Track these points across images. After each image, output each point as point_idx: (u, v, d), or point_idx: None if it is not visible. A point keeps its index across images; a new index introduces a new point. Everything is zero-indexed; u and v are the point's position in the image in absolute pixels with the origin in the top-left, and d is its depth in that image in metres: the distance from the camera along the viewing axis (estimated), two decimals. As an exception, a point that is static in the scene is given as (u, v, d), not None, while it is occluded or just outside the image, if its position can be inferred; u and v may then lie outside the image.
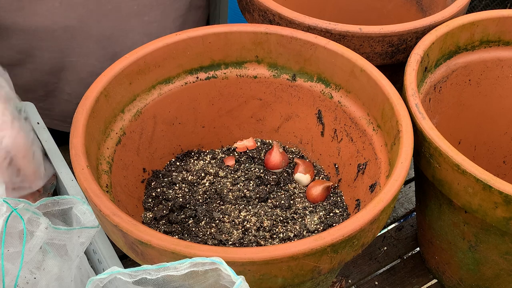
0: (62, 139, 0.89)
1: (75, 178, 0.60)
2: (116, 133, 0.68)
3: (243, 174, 0.77)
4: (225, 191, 0.74)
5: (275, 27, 0.74)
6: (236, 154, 0.81)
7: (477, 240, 0.67)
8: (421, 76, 0.74)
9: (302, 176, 0.77)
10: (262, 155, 0.80)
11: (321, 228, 0.70)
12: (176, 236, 0.68)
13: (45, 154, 0.75)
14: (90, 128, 0.62)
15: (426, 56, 0.72)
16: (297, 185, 0.77)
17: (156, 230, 0.68)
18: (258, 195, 0.74)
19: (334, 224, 0.70)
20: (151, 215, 0.70)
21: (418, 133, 0.64)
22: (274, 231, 0.69)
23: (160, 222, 0.70)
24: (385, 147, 0.67)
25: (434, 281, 0.83)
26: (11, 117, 0.64)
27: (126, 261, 0.80)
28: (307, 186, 0.77)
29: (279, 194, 0.75)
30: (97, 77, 0.92)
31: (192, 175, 0.76)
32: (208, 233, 0.69)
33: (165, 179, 0.76)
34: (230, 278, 0.43)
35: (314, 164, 0.80)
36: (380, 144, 0.68)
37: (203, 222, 0.70)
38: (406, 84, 0.68)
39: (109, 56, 0.91)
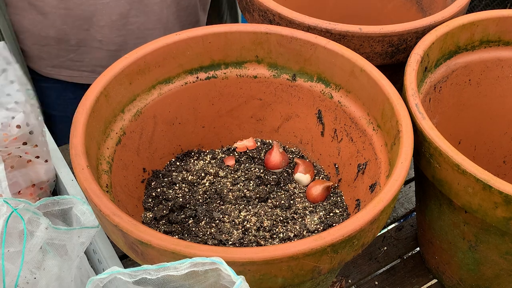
0: (62, 138, 0.89)
1: (75, 178, 0.60)
2: (116, 133, 0.68)
3: (243, 174, 0.77)
4: (225, 191, 0.74)
5: (275, 27, 0.74)
6: (236, 154, 0.81)
7: (477, 240, 0.67)
8: (421, 76, 0.74)
9: (302, 176, 0.77)
10: (262, 155, 0.80)
11: (321, 228, 0.70)
12: (176, 236, 0.68)
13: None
14: (90, 128, 0.62)
15: (426, 56, 0.72)
16: (297, 185, 0.77)
17: (156, 230, 0.68)
18: (258, 195, 0.74)
19: (334, 224, 0.70)
20: (151, 215, 0.70)
21: (418, 133, 0.64)
22: (274, 231, 0.69)
23: (160, 222, 0.70)
24: (385, 147, 0.67)
25: (434, 281, 0.83)
26: (24, 98, 0.67)
27: (126, 261, 0.80)
28: (307, 186, 0.77)
29: (279, 194, 0.75)
30: (127, 18, 0.95)
31: (192, 175, 0.76)
32: (208, 233, 0.69)
33: (165, 179, 0.76)
34: (230, 278, 0.43)
35: (314, 164, 0.80)
36: (380, 144, 0.68)
37: (203, 222, 0.70)
38: (406, 84, 0.68)
39: None
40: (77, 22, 0.94)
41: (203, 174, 0.77)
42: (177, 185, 0.75)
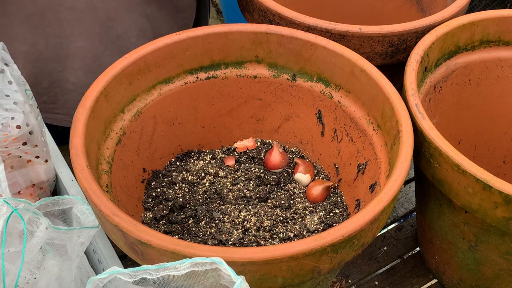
0: (62, 138, 0.89)
1: (75, 178, 0.60)
2: (116, 133, 0.68)
3: (243, 174, 0.77)
4: (225, 191, 0.74)
5: (275, 27, 0.74)
6: (236, 154, 0.81)
7: (477, 240, 0.67)
8: (421, 76, 0.74)
9: (302, 176, 0.77)
10: (262, 155, 0.80)
11: (321, 228, 0.70)
12: (176, 236, 0.68)
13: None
14: (90, 128, 0.62)
15: (426, 56, 0.72)
16: (297, 185, 0.77)
17: (156, 230, 0.68)
18: (258, 195, 0.74)
19: (334, 224, 0.70)
20: (151, 215, 0.70)
21: (418, 133, 0.64)
22: (274, 231, 0.69)
23: (160, 222, 0.70)
24: (385, 147, 0.67)
25: (434, 281, 0.83)
26: (23, 98, 0.66)
27: (126, 261, 0.80)
28: (307, 186, 0.77)
29: (279, 194, 0.75)
30: (101, 60, 0.91)
31: (192, 175, 0.76)
32: (208, 233, 0.69)
33: (165, 179, 0.76)
34: (230, 278, 0.43)
35: (314, 164, 0.80)
36: (380, 144, 0.68)
37: (203, 222, 0.70)
38: (406, 84, 0.68)
39: (112, 38, 0.90)
40: (49, 65, 0.91)
41: (203, 174, 0.77)
42: (177, 185, 0.75)
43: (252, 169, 0.78)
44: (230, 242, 0.67)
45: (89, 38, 0.89)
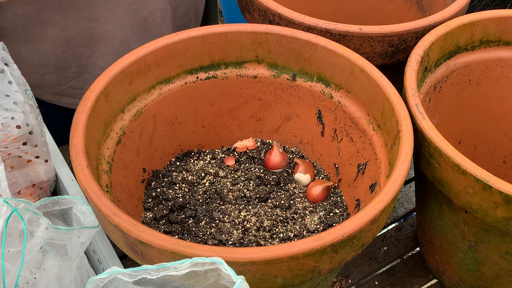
0: (62, 139, 0.89)
1: (75, 178, 0.60)
2: (116, 133, 0.68)
3: (243, 174, 0.77)
4: (225, 191, 0.74)
5: (275, 27, 0.74)
6: (236, 154, 0.81)
7: (477, 240, 0.67)
8: (421, 76, 0.74)
9: (302, 176, 0.77)
10: (262, 155, 0.80)
11: (321, 228, 0.70)
12: (176, 236, 0.68)
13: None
14: (90, 128, 0.62)
15: (426, 56, 0.72)
16: (297, 185, 0.77)
17: (156, 230, 0.68)
18: (258, 195, 0.74)
19: (334, 224, 0.70)
20: (151, 215, 0.70)
21: (418, 133, 0.64)
22: (274, 231, 0.69)
23: (160, 222, 0.70)
24: (385, 147, 0.67)
25: (434, 281, 0.83)
26: (23, 98, 0.66)
27: (126, 261, 0.80)
28: (307, 186, 0.77)
29: (279, 194, 0.75)
30: (129, 45, 0.93)
31: (192, 175, 0.76)
32: (208, 233, 0.69)
33: (165, 179, 0.76)
34: (230, 278, 0.43)
35: (314, 164, 0.80)
36: (380, 144, 0.68)
37: (203, 222, 0.70)
38: (406, 84, 0.68)
39: (139, 21, 0.91)
40: (78, 50, 0.91)
41: (203, 174, 0.77)
42: (177, 185, 0.75)
43: (252, 169, 0.78)
44: (230, 242, 0.67)
45: (117, 22, 0.90)
